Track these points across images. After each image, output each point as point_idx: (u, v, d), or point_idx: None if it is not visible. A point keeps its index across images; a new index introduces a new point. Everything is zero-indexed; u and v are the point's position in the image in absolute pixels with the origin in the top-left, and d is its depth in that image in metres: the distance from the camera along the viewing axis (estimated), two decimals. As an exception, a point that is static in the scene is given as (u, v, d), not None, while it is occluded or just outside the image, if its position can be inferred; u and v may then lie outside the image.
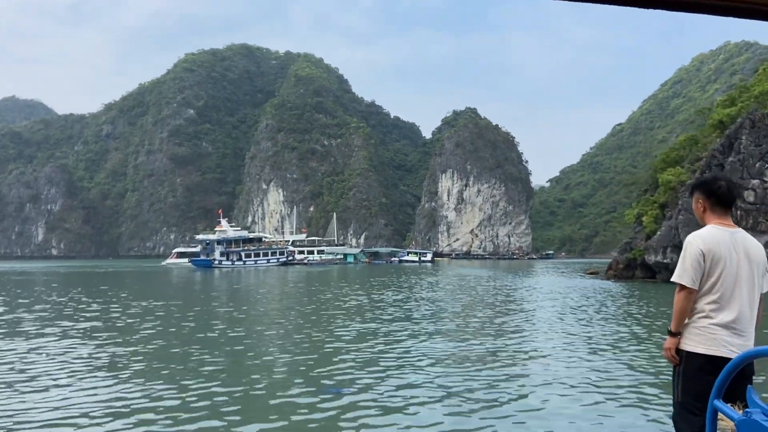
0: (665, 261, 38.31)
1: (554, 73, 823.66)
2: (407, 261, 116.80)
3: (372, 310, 22.80)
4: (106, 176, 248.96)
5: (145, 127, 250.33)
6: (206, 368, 11.67)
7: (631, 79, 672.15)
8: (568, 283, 41.57)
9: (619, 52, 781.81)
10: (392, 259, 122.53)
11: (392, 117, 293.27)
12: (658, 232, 39.23)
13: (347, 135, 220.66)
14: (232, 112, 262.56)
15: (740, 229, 3.78)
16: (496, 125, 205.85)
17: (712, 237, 3.67)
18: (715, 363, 3.51)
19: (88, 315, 21.62)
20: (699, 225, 3.80)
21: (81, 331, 17.27)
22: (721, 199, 3.79)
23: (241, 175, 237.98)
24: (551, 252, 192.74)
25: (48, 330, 17.26)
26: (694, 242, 3.69)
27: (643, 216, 43.37)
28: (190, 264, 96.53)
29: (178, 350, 13.93)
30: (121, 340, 15.43)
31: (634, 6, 1.96)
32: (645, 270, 43.26)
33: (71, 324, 18.74)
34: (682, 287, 3.66)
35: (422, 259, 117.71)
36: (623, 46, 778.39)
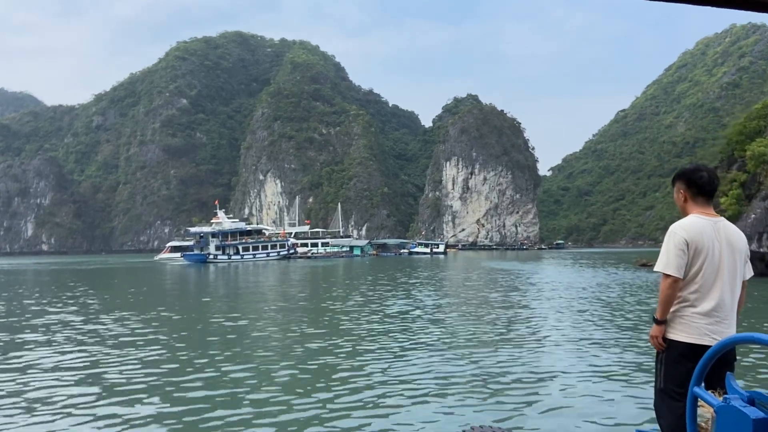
0: (762, 250, 31.29)
1: (550, 62, 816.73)
2: (418, 253, 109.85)
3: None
4: (97, 169, 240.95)
5: (136, 118, 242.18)
6: None
7: (630, 66, 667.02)
8: (638, 280, 34.48)
9: (615, 40, 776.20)
10: (401, 251, 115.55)
11: (390, 105, 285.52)
12: (752, 216, 32.17)
13: (346, 123, 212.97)
14: (226, 102, 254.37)
15: (722, 218, 3.83)
16: (501, 111, 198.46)
17: (694, 226, 3.71)
18: (697, 351, 3.60)
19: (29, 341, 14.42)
20: None
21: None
22: (703, 188, 3.82)
23: (236, 166, 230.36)
24: (561, 242, 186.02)
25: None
26: (678, 232, 3.73)
27: (720, 197, 36.23)
28: (183, 259, 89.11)
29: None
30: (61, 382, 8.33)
31: None
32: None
33: None
34: (667, 276, 3.70)
35: (434, 250, 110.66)
36: (618, 33, 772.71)
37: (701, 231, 3.66)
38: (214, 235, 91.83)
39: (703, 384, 2.79)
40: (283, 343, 13.63)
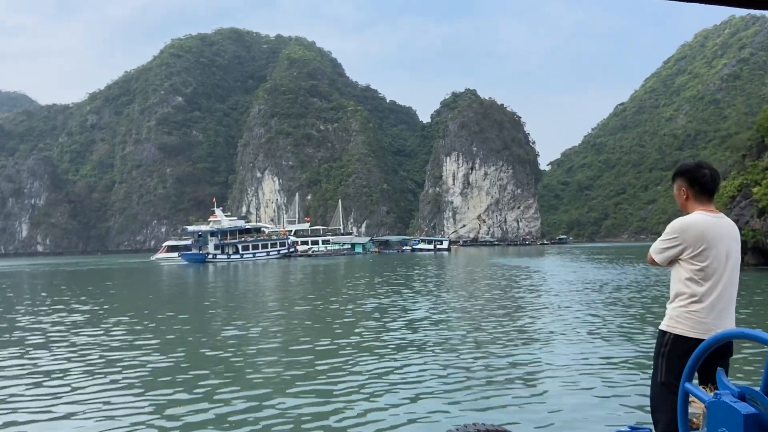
0: (802, 243, 29.15)
1: (547, 58, 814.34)
2: (421, 249, 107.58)
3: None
4: (92, 168, 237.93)
5: (131, 116, 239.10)
6: None
7: (628, 60, 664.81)
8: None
9: (613, 34, 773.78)
10: (404, 248, 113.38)
11: (388, 101, 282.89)
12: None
13: (344, 119, 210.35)
14: (222, 99, 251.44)
15: (722, 214, 3.81)
16: (501, 104, 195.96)
17: (698, 224, 3.68)
18: None
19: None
20: None
21: None
22: (705, 187, 3.78)
23: (233, 163, 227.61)
24: (564, 237, 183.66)
25: None
26: (670, 231, 3.76)
27: (753, 187, 33.97)
28: (181, 259, 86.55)
29: None
30: None
31: None
32: (758, 255, 33.98)
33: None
34: (653, 260, 3.78)
35: (438, 247, 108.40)
36: (617, 27, 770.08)
37: (706, 229, 3.60)
38: (212, 233, 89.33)
39: (696, 379, 2.73)
40: (287, 352, 11.31)
